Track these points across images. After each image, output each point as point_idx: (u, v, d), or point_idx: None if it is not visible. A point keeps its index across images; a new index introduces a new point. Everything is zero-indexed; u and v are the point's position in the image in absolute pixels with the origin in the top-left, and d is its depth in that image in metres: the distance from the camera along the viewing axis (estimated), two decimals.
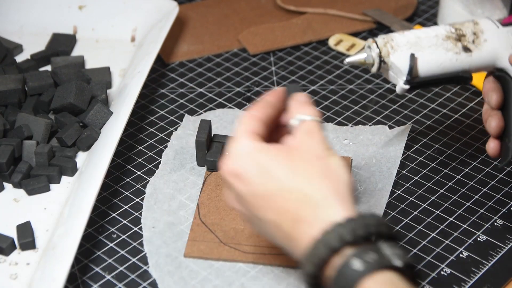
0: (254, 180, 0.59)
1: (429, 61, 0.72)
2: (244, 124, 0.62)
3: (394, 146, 0.82)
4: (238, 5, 1.09)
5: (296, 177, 0.59)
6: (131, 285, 0.69)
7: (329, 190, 0.58)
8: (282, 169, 0.59)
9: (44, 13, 1.01)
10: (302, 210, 0.57)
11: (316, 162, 0.59)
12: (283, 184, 0.58)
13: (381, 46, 0.73)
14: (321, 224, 0.56)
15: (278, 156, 0.60)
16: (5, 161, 0.78)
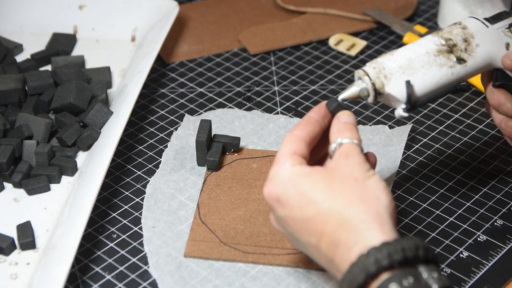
0: (294, 204, 0.60)
1: (424, 81, 0.69)
2: (286, 145, 0.63)
3: (394, 146, 0.82)
4: (238, 5, 1.09)
5: (334, 200, 0.59)
6: (131, 285, 0.69)
7: (367, 213, 0.58)
8: (320, 193, 0.59)
9: (44, 13, 1.01)
10: (340, 233, 0.57)
11: (354, 184, 0.59)
12: (321, 207, 0.59)
13: (374, 77, 0.68)
14: (359, 248, 0.56)
15: (318, 180, 0.60)
16: (5, 161, 0.78)
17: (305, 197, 0.59)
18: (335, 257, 0.58)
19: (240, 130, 0.86)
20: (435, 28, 1.03)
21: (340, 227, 0.57)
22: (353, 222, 0.57)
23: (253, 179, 0.79)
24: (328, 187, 0.59)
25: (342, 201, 0.58)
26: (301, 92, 0.93)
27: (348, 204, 0.58)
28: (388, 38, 1.02)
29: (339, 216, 0.58)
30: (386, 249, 0.55)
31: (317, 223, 0.59)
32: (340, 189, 0.59)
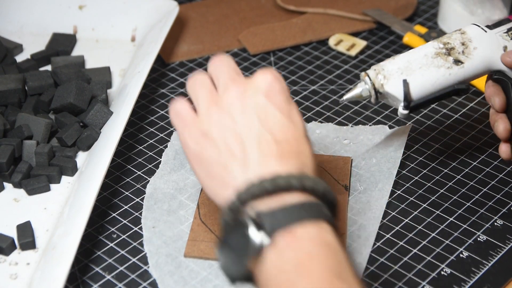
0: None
1: (422, 82, 0.73)
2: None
3: (394, 146, 0.82)
4: (238, 5, 1.09)
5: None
6: (131, 285, 0.69)
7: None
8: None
9: (44, 13, 1.01)
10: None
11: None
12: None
13: (373, 78, 0.73)
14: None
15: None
16: (5, 161, 0.78)
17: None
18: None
19: None
20: (434, 28, 1.03)
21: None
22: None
23: None
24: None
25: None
26: (301, 92, 0.93)
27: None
28: (388, 38, 1.02)
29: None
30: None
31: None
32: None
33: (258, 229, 0.55)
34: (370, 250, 0.72)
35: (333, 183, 0.78)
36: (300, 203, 0.57)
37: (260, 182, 0.57)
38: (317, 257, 0.55)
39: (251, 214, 0.56)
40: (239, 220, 0.57)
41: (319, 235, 0.56)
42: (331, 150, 0.83)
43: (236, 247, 0.56)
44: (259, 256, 0.55)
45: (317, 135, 0.85)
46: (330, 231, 0.57)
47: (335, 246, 0.56)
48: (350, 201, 0.77)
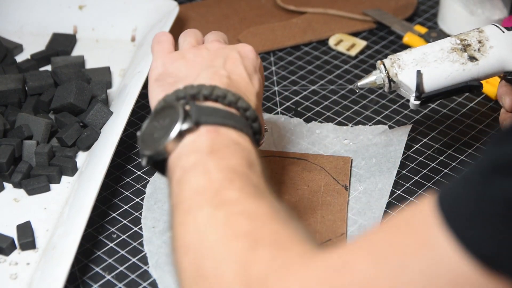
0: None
1: (436, 74, 0.74)
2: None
3: (394, 146, 0.82)
4: (238, 5, 1.09)
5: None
6: (131, 285, 0.69)
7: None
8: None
9: (44, 13, 1.01)
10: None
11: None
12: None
13: (389, 66, 0.75)
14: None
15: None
16: (5, 161, 0.78)
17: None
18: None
19: None
20: (434, 28, 1.03)
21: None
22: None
23: None
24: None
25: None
26: (301, 92, 0.93)
27: None
28: (388, 38, 1.02)
29: None
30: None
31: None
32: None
33: (186, 117, 0.59)
34: None
35: (333, 183, 0.78)
36: (231, 112, 0.61)
37: (198, 86, 0.62)
38: (233, 150, 0.58)
39: (182, 103, 0.61)
40: (170, 108, 0.61)
41: (242, 141, 0.60)
42: (331, 150, 0.83)
43: (161, 127, 0.60)
44: (179, 140, 0.59)
45: (317, 135, 0.85)
46: (253, 147, 0.60)
47: (255, 155, 0.59)
48: (350, 201, 0.77)
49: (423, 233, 0.45)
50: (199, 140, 0.59)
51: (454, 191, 0.46)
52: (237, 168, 0.57)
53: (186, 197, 0.56)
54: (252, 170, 0.57)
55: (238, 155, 0.58)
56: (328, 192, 0.77)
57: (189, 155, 0.58)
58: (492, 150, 0.45)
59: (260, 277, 0.49)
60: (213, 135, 0.59)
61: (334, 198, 0.76)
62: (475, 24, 0.98)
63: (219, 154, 0.57)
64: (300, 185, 0.78)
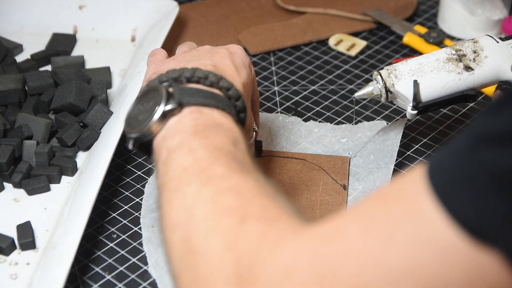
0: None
1: (432, 84, 0.75)
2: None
3: (391, 140, 0.82)
4: (238, 5, 1.09)
5: None
6: (131, 285, 0.69)
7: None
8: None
9: (44, 13, 1.01)
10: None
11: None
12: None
13: (385, 77, 0.76)
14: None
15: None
16: (5, 161, 0.78)
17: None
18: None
19: None
20: (434, 28, 1.03)
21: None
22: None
23: None
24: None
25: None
26: (301, 92, 0.93)
27: None
28: (388, 38, 1.02)
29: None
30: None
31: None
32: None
33: (168, 98, 0.60)
34: None
35: (332, 183, 0.78)
36: (214, 93, 0.62)
37: (180, 69, 0.63)
38: (216, 129, 0.59)
39: (165, 85, 0.62)
40: (153, 91, 0.62)
41: (225, 120, 0.60)
42: (329, 150, 0.83)
43: (145, 110, 0.61)
44: (163, 121, 0.60)
45: (315, 134, 0.85)
46: (236, 126, 0.61)
47: (239, 133, 0.60)
48: (349, 201, 0.77)
49: (412, 202, 0.46)
50: (183, 121, 0.60)
51: (443, 161, 0.46)
52: (222, 146, 0.57)
53: (172, 176, 0.56)
54: (237, 147, 0.58)
55: (222, 134, 0.59)
56: (326, 192, 0.77)
57: (174, 136, 0.59)
58: (481, 121, 0.46)
59: (250, 251, 0.49)
60: (196, 115, 0.60)
61: (332, 197, 0.76)
62: (475, 24, 0.98)
63: (203, 133, 0.58)
64: (299, 185, 0.78)
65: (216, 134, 0.58)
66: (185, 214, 0.54)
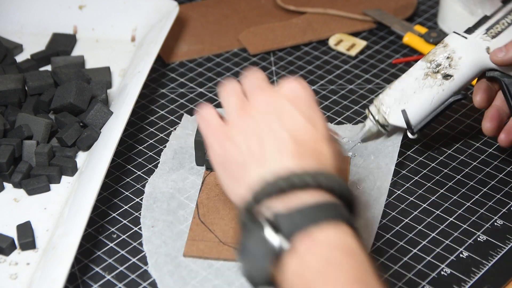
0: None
1: (419, 104, 0.77)
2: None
3: (392, 141, 0.82)
4: (238, 5, 1.09)
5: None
6: (131, 285, 0.69)
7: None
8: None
9: (44, 13, 1.01)
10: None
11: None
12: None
13: (376, 114, 0.78)
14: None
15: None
16: (5, 161, 0.78)
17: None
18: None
19: None
20: (434, 28, 1.03)
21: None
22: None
23: None
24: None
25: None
26: None
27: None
28: (388, 38, 1.02)
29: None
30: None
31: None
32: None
33: (276, 231, 0.55)
34: (370, 250, 0.72)
35: None
36: (317, 204, 0.56)
37: (274, 180, 0.57)
38: (339, 265, 0.54)
39: (267, 215, 0.56)
40: (255, 221, 0.57)
41: (339, 239, 0.55)
42: None
43: (255, 251, 0.56)
44: (279, 260, 0.55)
45: None
46: (350, 233, 0.56)
47: (357, 250, 0.55)
48: None
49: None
50: (301, 264, 0.55)
51: None
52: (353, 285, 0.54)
53: None
54: (365, 286, 0.54)
55: (347, 275, 0.54)
56: None
57: (298, 285, 0.55)
58: None
59: None
60: (312, 249, 0.55)
61: None
62: None
63: (328, 281, 0.54)
64: None
65: (342, 276, 0.54)
66: None
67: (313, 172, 0.58)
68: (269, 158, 0.60)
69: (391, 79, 0.94)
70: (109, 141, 0.78)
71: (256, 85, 0.65)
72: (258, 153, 0.61)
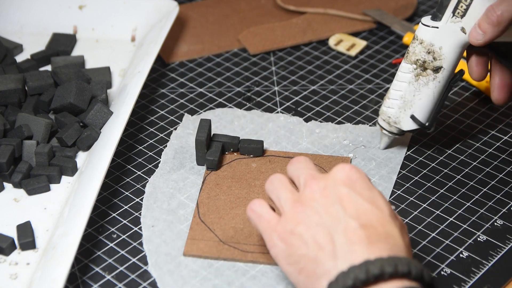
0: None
1: (424, 104, 0.77)
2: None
3: (394, 154, 0.82)
4: (238, 5, 1.09)
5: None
6: (131, 285, 0.69)
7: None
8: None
9: (44, 13, 1.01)
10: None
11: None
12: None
13: (387, 127, 0.80)
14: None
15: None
16: (5, 161, 0.78)
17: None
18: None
19: (239, 130, 0.86)
20: None
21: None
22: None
23: (253, 178, 0.79)
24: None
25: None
26: (301, 92, 0.93)
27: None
28: (388, 38, 1.02)
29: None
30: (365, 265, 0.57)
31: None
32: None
33: None
34: None
35: None
36: None
37: (350, 271, 0.56)
38: None
39: None
40: None
41: None
42: (330, 150, 0.83)
43: None
44: None
45: (316, 135, 0.85)
46: None
47: None
48: None
49: None
50: None
51: None
52: None
53: None
54: None
55: None
56: None
57: None
58: None
59: None
60: None
61: None
62: None
63: None
64: None
65: None
66: None
67: (388, 259, 0.57)
68: (341, 250, 0.58)
69: (391, 79, 0.94)
70: (109, 141, 0.78)
71: (305, 173, 0.64)
72: (329, 245, 0.59)
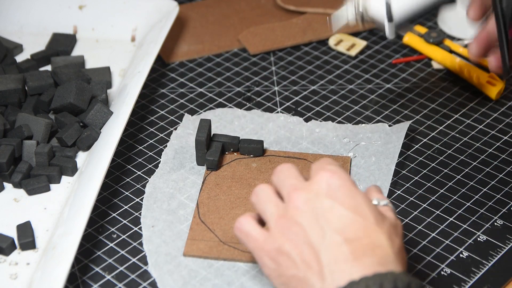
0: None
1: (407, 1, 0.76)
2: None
3: (393, 143, 0.82)
4: (238, 5, 1.09)
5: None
6: (131, 285, 0.69)
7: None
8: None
9: (44, 13, 1.02)
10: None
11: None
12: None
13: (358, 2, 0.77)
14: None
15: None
16: (5, 161, 0.78)
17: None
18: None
19: (239, 130, 0.86)
20: (434, 28, 1.03)
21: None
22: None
23: (253, 178, 0.79)
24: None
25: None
26: (301, 92, 0.93)
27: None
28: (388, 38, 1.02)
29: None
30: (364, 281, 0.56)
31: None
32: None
33: None
34: None
35: None
36: None
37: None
38: None
39: None
40: None
41: None
42: (330, 150, 0.83)
43: None
44: None
45: (316, 134, 0.85)
46: None
47: None
48: None
49: None
50: None
51: None
52: None
53: None
54: None
55: None
56: None
57: None
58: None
59: None
60: None
61: None
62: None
63: None
64: None
65: None
66: None
67: (372, 277, 0.56)
68: (327, 269, 0.58)
69: (391, 79, 0.94)
70: (109, 141, 0.78)
71: (287, 185, 0.63)
72: (315, 265, 0.59)
